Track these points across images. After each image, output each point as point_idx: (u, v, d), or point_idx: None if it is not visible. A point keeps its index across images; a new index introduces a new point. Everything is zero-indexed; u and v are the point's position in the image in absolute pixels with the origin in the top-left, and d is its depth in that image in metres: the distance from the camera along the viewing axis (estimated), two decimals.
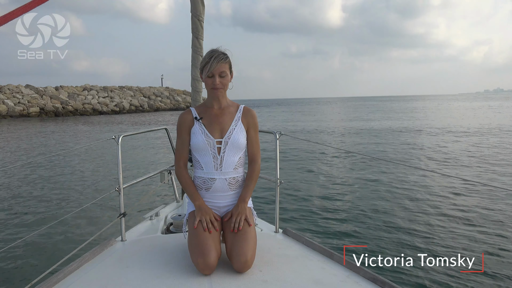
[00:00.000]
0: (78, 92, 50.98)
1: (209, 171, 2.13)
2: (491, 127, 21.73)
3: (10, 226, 5.94)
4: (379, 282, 1.79)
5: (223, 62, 2.08)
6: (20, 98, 43.51)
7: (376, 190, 7.77)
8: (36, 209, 6.86)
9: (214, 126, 2.14)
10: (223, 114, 2.18)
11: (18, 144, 16.86)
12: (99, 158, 12.39)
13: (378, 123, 26.93)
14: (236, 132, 2.14)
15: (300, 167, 10.54)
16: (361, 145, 15.51)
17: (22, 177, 9.50)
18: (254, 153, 2.22)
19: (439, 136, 17.88)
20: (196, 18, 3.80)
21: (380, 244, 4.99)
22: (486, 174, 9.35)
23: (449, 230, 5.49)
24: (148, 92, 59.79)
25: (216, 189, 2.15)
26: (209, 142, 2.11)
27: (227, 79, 2.12)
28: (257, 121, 2.24)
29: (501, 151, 12.67)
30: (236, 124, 2.16)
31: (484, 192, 7.32)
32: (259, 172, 2.22)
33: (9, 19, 1.59)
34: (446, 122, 26.64)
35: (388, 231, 5.44)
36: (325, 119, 34.40)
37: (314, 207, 6.66)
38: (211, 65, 2.04)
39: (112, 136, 2.49)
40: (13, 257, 4.68)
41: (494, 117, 31.25)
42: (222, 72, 2.08)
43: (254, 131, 2.22)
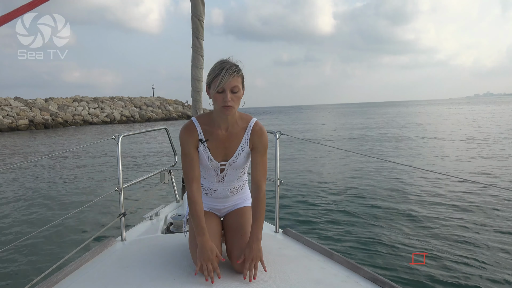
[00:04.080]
0: (68, 103, 50.84)
1: (210, 182, 2.09)
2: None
3: (10, 226, 5.94)
4: (379, 282, 1.78)
5: (236, 75, 1.77)
6: (8, 110, 42.90)
7: (376, 190, 7.77)
8: (36, 209, 6.87)
9: (219, 150, 1.95)
10: (230, 137, 1.94)
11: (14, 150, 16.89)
12: (99, 158, 12.39)
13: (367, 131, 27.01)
14: (241, 157, 1.98)
15: (300, 167, 10.53)
16: (360, 146, 15.52)
17: (22, 178, 9.50)
18: (259, 178, 1.94)
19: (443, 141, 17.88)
20: (196, 18, 3.79)
21: (381, 244, 4.98)
22: (487, 175, 9.37)
23: (450, 230, 5.49)
24: (139, 102, 59.57)
25: (217, 196, 2.13)
26: (212, 165, 1.99)
27: (239, 95, 1.81)
28: (266, 142, 1.97)
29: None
30: (243, 148, 1.96)
31: (485, 192, 7.32)
32: (265, 200, 1.95)
33: (9, 20, 1.59)
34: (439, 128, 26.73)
35: (388, 231, 5.44)
36: (319, 128, 34.50)
37: (314, 207, 6.65)
38: (222, 78, 1.73)
39: (112, 136, 2.49)
40: (13, 257, 4.68)
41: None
42: (234, 87, 1.77)
43: (261, 154, 1.96)
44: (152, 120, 55.96)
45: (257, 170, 1.95)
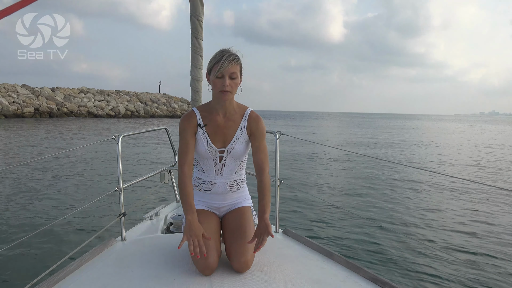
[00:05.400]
0: (74, 94, 51.02)
1: (210, 175, 2.12)
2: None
3: (9, 226, 5.94)
4: (379, 282, 1.78)
5: (235, 63, 1.92)
6: (15, 97, 43.43)
7: (376, 190, 7.77)
8: (36, 208, 6.86)
9: (217, 136, 2.05)
10: (228, 123, 2.05)
11: (16, 143, 16.88)
12: (99, 158, 12.39)
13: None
14: (239, 142, 2.06)
15: (300, 167, 10.53)
16: (360, 147, 15.52)
17: (21, 177, 9.50)
18: (262, 161, 2.03)
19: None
20: (195, 18, 3.79)
21: (380, 244, 4.98)
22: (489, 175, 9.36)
23: (451, 230, 5.49)
24: (145, 98, 59.60)
25: (216, 191, 2.14)
26: (211, 152, 2.05)
27: (237, 82, 1.96)
28: (263, 127, 2.08)
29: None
30: (240, 134, 2.06)
31: (485, 192, 7.32)
32: (270, 181, 2.04)
33: (7, 14, 1.57)
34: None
35: (388, 231, 5.44)
36: (325, 133, 34.27)
37: (314, 207, 6.66)
38: (222, 64, 1.87)
39: (112, 136, 2.49)
40: (13, 257, 4.68)
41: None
42: (233, 73, 1.91)
43: (260, 139, 2.06)
44: (157, 116, 55.92)
45: (258, 154, 2.04)
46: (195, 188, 2.20)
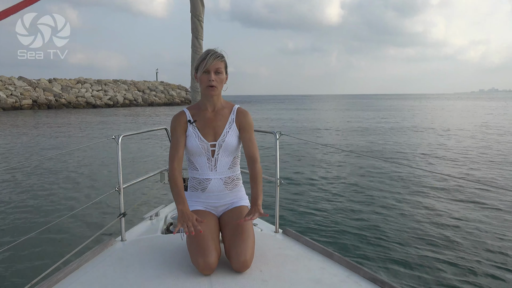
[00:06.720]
0: (71, 85, 50.87)
1: (204, 172, 2.15)
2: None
3: (9, 226, 5.94)
4: (379, 282, 1.79)
5: (220, 59, 2.07)
6: (12, 90, 43.37)
7: (376, 190, 7.77)
8: (36, 208, 6.86)
9: (207, 129, 2.14)
10: (217, 116, 2.16)
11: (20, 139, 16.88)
12: (99, 158, 12.39)
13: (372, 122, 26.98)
14: (229, 135, 2.14)
15: (300, 167, 10.53)
16: (360, 144, 15.52)
17: (21, 177, 9.50)
18: (253, 152, 2.14)
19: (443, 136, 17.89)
20: (196, 18, 3.80)
21: (380, 244, 4.99)
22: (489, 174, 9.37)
23: (451, 230, 5.49)
24: (142, 86, 59.59)
25: (212, 189, 2.16)
26: (203, 146, 2.12)
27: (222, 77, 2.10)
28: (251, 120, 2.20)
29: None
30: (230, 126, 2.15)
31: (485, 191, 7.32)
32: (262, 170, 2.15)
33: (9, 14, 1.58)
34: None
35: (388, 231, 5.44)
36: (324, 118, 34.41)
37: (314, 207, 6.66)
38: (207, 61, 2.03)
39: (112, 136, 2.49)
40: (13, 257, 4.68)
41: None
42: (218, 68, 2.06)
43: (249, 131, 2.17)
44: (155, 104, 55.98)
45: (249, 146, 2.15)
46: (191, 189, 2.22)
